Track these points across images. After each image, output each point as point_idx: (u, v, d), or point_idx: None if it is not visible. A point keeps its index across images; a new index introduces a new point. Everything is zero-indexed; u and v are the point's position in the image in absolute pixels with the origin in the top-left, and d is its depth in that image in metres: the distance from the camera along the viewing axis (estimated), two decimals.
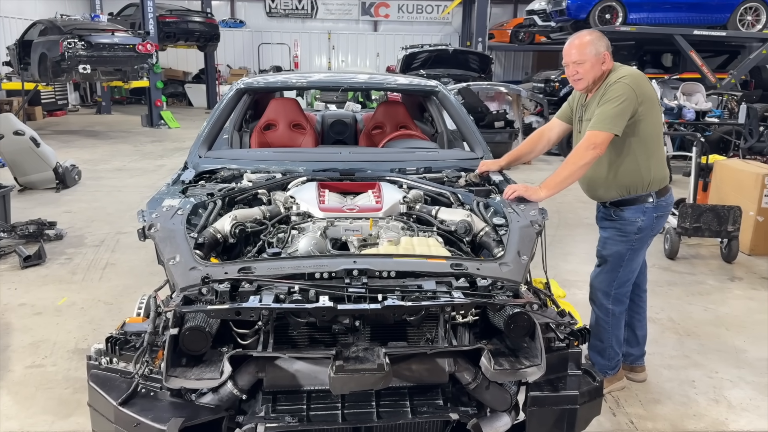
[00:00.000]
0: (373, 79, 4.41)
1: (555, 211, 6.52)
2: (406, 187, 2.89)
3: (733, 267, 4.98)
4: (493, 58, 15.15)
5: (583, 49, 2.67)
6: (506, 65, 22.06)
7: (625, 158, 2.73)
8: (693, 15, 12.03)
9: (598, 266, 2.91)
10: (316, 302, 1.80)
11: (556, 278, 4.63)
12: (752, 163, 5.86)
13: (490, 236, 2.40)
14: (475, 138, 3.49)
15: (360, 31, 21.99)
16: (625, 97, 2.60)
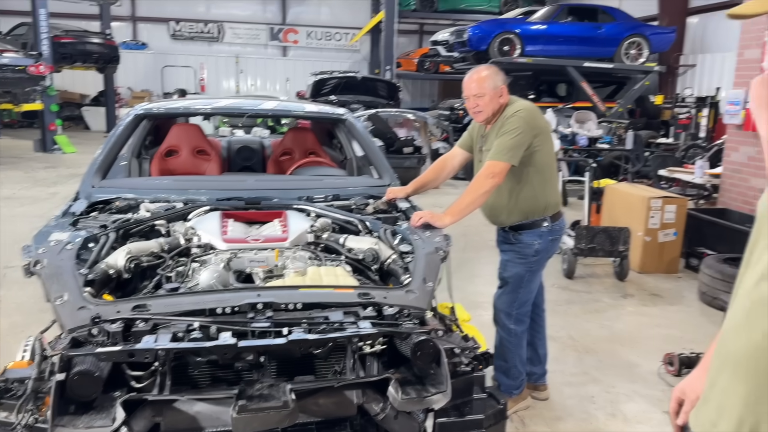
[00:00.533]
0: (281, 106, 4.37)
1: (461, 234, 6.69)
2: (314, 216, 2.87)
3: (626, 284, 5.31)
4: (400, 85, 15.52)
5: (482, 83, 2.82)
6: (414, 93, 22.66)
7: (524, 186, 2.89)
8: (584, 48, 12.92)
9: (499, 288, 3.03)
10: (217, 339, 1.74)
11: (463, 300, 4.72)
12: (639, 187, 6.32)
13: (397, 263, 2.42)
14: (382, 165, 3.54)
15: (269, 55, 21.90)
16: (521, 130, 2.77)
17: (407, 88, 22.07)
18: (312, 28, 21.90)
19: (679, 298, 4.99)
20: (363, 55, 22.10)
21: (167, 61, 20.44)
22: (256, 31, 21.60)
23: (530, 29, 12.92)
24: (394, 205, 3.10)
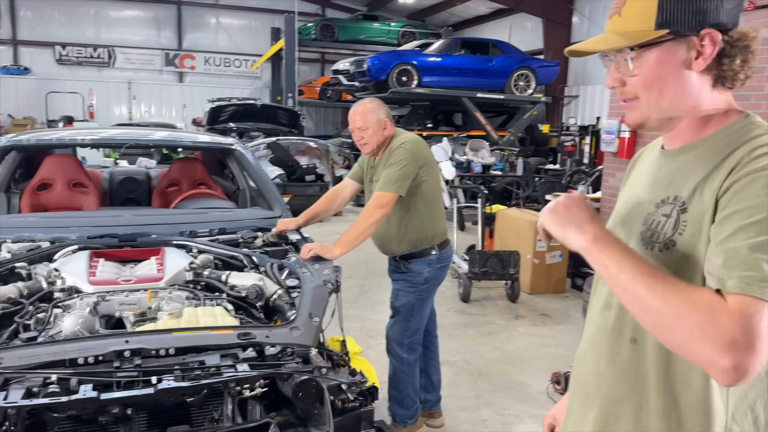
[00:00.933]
0: (166, 136, 4.20)
1: (363, 262, 6.71)
2: (196, 252, 2.75)
3: (517, 306, 5.52)
4: (302, 113, 15.50)
5: (365, 116, 2.88)
6: (317, 120, 22.73)
7: (412, 216, 2.95)
8: (477, 80, 13.53)
9: (391, 317, 3.05)
10: (77, 393, 1.59)
11: (363, 329, 4.72)
12: (527, 212, 6.63)
13: (283, 299, 2.35)
14: (272, 196, 3.47)
15: (164, 81, 21.18)
16: (407, 162, 2.84)
17: (310, 116, 22.11)
18: (210, 54, 21.47)
19: (566, 317, 5.24)
20: (264, 81, 21.91)
21: (53, 87, 19.23)
22: (150, 57, 20.86)
23: (426, 61, 13.36)
24: (284, 237, 3.04)
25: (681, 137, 1.10)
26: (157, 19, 20.90)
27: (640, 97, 1.08)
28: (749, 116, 1.07)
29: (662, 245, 1.04)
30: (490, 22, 19.00)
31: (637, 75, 1.06)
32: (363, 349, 4.22)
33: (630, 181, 1.27)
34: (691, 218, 1.01)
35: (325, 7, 22.18)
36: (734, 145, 1.01)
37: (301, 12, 19.47)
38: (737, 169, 0.96)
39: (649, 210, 1.10)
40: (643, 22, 1.03)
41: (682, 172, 1.07)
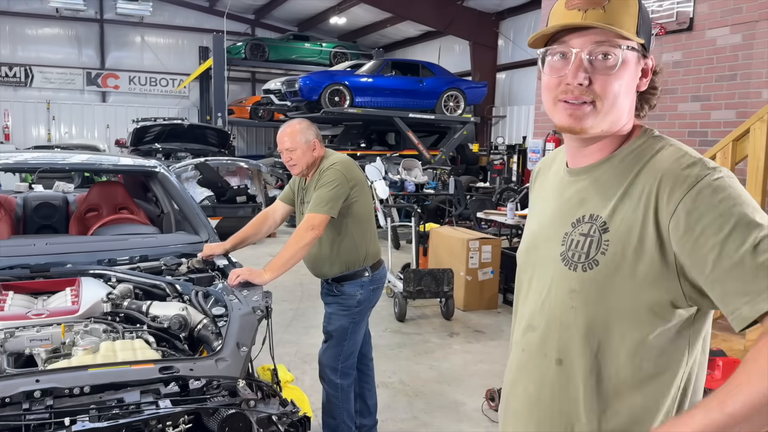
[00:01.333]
0: (85, 159, 4.00)
1: (298, 284, 6.61)
2: (115, 281, 2.61)
3: (452, 323, 5.56)
4: (233, 133, 15.23)
5: (293, 137, 2.84)
6: (249, 140, 22.37)
7: (344, 237, 2.92)
8: (408, 100, 13.73)
9: (324, 342, 2.99)
10: None
11: (298, 354, 4.62)
12: (459, 230, 6.73)
13: (208, 329, 2.26)
14: (198, 220, 3.35)
15: (86, 101, 20.31)
16: (338, 182, 2.81)
17: (242, 136, 21.76)
18: (135, 73, 20.79)
19: (499, 332, 5.32)
20: (192, 101, 21.41)
21: None
22: (70, 76, 19.98)
23: (358, 81, 13.45)
24: (211, 263, 2.94)
25: (592, 155, 1.11)
26: (78, 37, 20.10)
27: (598, 101, 1.03)
28: (648, 130, 1.10)
29: (585, 265, 1.05)
30: (420, 44, 19.39)
31: (610, 76, 1.02)
32: (297, 376, 4.14)
33: (538, 200, 1.27)
34: (614, 238, 1.02)
35: (255, 26, 22.00)
36: (642, 160, 1.04)
37: (230, 31, 19.25)
38: (670, 188, 0.97)
39: (566, 230, 1.10)
40: (629, 24, 1.01)
41: (594, 191, 1.08)
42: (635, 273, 1.00)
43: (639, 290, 1.01)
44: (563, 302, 1.09)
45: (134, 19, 19.97)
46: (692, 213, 0.94)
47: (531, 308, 1.16)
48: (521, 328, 1.19)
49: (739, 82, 4.74)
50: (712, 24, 4.94)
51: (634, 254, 1.00)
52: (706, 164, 0.98)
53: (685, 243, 0.95)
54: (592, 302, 1.04)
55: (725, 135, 4.03)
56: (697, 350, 1.06)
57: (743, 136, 3.25)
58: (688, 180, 0.96)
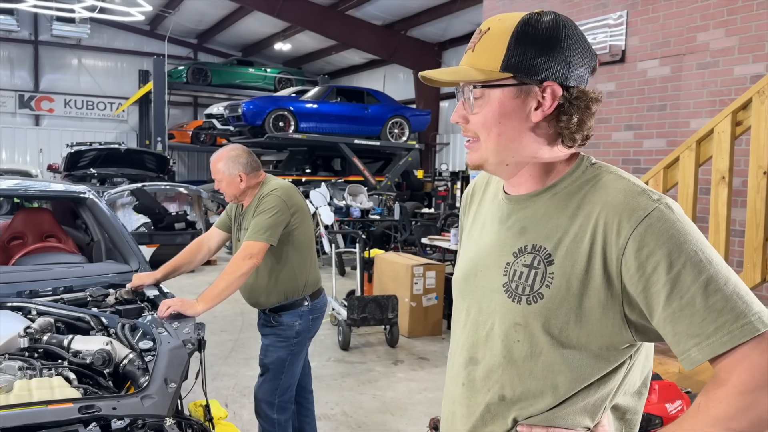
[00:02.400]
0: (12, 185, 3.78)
1: (239, 314, 6.41)
2: (35, 314, 2.43)
3: (397, 351, 5.49)
4: (172, 158, 14.87)
5: (217, 165, 2.85)
6: (190, 165, 21.90)
7: (284, 265, 2.83)
8: (353, 126, 13.80)
9: (261, 375, 2.87)
10: None
11: (236, 386, 4.45)
12: (404, 256, 6.72)
13: (134, 364, 2.12)
14: (128, 248, 3.19)
15: (18, 125, 19.48)
16: (278, 209, 2.74)
17: (183, 161, 21.29)
18: (71, 96, 20.11)
19: (443, 359, 5.29)
20: (131, 125, 20.86)
21: None
22: (1, 99, 19.14)
23: (303, 107, 13.43)
24: (141, 293, 2.79)
25: (525, 184, 1.10)
26: (11, 58, 19.33)
27: (480, 137, 1.07)
28: (585, 158, 1.09)
29: (529, 298, 1.02)
30: (365, 72, 19.62)
31: (478, 113, 1.05)
32: (235, 410, 3.98)
33: (475, 224, 1.23)
34: (559, 271, 1.00)
35: (198, 50, 21.76)
36: (582, 190, 1.03)
37: (172, 55, 18.97)
38: (618, 221, 0.95)
39: (507, 259, 1.07)
40: (491, 62, 1.02)
41: (536, 220, 1.06)
42: (581, 307, 0.98)
43: (586, 325, 0.99)
44: (507, 336, 1.05)
45: (71, 41, 19.42)
46: (642, 249, 0.93)
47: (472, 340, 1.12)
48: (462, 359, 1.14)
49: (668, 112, 4.96)
50: (643, 56, 5.17)
51: (580, 287, 0.98)
52: (650, 195, 0.97)
53: (638, 280, 0.94)
54: (536, 334, 1.02)
55: (657, 162, 4.18)
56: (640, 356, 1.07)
57: (673, 164, 3.38)
58: (636, 213, 0.95)
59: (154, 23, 19.91)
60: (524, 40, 1.00)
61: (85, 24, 17.69)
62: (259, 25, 17.67)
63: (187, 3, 16.90)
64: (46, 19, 18.35)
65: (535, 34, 1.00)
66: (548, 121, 1.03)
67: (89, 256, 3.70)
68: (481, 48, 1.04)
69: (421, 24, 15.16)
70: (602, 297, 0.97)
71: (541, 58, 1.00)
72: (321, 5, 15.19)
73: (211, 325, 5.85)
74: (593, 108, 1.04)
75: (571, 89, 1.02)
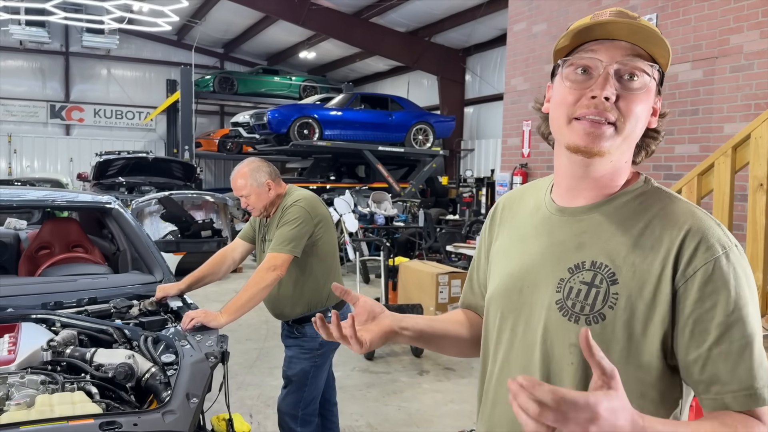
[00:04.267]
0: (40, 196, 3.82)
1: (264, 322, 6.40)
2: (59, 326, 2.43)
3: (422, 360, 5.42)
4: (199, 166, 15.03)
5: (245, 180, 2.80)
6: (217, 173, 22.13)
7: (308, 277, 2.81)
8: (378, 133, 13.79)
9: (284, 388, 2.84)
10: None
11: (261, 396, 4.42)
12: (429, 264, 6.65)
13: (156, 378, 2.10)
14: (153, 259, 3.19)
15: (49, 134, 19.93)
16: (302, 219, 2.71)
17: (209, 169, 21.53)
18: (100, 106, 20.51)
19: (469, 369, 5.20)
20: (159, 134, 21.18)
21: None
22: (33, 108, 19.60)
23: (328, 115, 13.47)
24: (165, 305, 2.78)
25: (585, 194, 1.03)
26: (42, 69, 19.80)
27: (620, 122, 0.95)
28: (648, 177, 1.05)
29: (590, 318, 0.95)
30: (389, 79, 19.61)
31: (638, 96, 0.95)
32: (260, 421, 3.95)
33: (514, 239, 1.15)
34: (624, 291, 0.94)
35: (224, 60, 22.01)
36: (652, 208, 0.98)
37: (199, 64, 19.23)
38: (694, 246, 0.92)
39: (561, 275, 1.00)
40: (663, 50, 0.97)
41: (596, 235, 1.00)
42: (646, 331, 0.93)
43: (646, 347, 0.94)
44: (561, 357, 0.99)
45: (100, 52, 19.81)
46: (708, 284, 0.90)
47: (521, 362, 1.05)
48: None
49: (701, 117, 4.83)
50: (674, 60, 5.02)
51: (646, 311, 0.93)
52: (726, 233, 0.95)
53: (691, 312, 0.91)
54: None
55: (689, 168, 4.06)
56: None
57: (708, 171, 3.26)
58: (715, 247, 0.92)
59: (182, 33, 20.22)
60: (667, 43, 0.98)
61: (114, 35, 18.03)
62: (284, 34, 17.81)
63: (214, 13, 17.11)
64: (77, 31, 18.75)
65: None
66: (647, 130, 1.01)
67: (115, 265, 3.72)
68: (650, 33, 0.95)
69: (445, 30, 15.10)
70: (666, 321, 0.93)
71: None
72: (345, 13, 15.25)
73: (236, 334, 5.86)
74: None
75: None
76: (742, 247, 0.96)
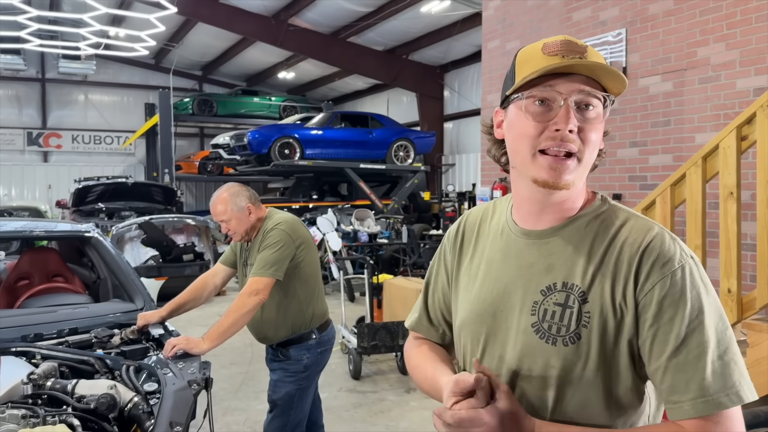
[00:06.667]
0: (18, 227, 3.78)
1: (248, 345, 6.35)
2: (40, 358, 2.41)
3: (409, 378, 5.40)
4: (180, 189, 14.95)
5: (225, 206, 2.79)
6: (198, 195, 22.00)
7: (291, 300, 2.81)
8: (359, 151, 13.84)
9: (270, 412, 2.82)
10: None
11: (247, 421, 4.38)
12: (413, 280, 6.66)
13: (139, 407, 2.08)
14: (133, 287, 3.18)
15: (26, 162, 19.73)
16: (283, 243, 2.72)
17: (190, 191, 21.41)
18: (78, 132, 20.36)
19: None
20: (139, 158, 21.05)
21: None
22: (10, 136, 19.40)
23: (308, 134, 13.51)
24: (146, 332, 2.76)
25: (549, 217, 1.06)
26: (19, 97, 19.65)
27: (580, 153, 0.98)
28: (604, 195, 1.09)
29: (566, 339, 0.99)
30: (369, 97, 19.75)
31: (594, 126, 0.99)
32: None
33: (471, 263, 1.16)
34: (595, 309, 0.98)
35: (203, 82, 22.02)
36: (611, 227, 1.02)
37: (177, 87, 19.19)
38: (651, 264, 0.96)
39: (534, 298, 1.03)
40: (620, 80, 1.00)
41: (563, 256, 1.03)
42: (616, 345, 0.98)
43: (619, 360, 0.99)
44: (540, 379, 1.02)
45: (77, 78, 19.72)
46: (666, 297, 0.95)
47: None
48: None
49: (673, 128, 4.93)
50: (644, 72, 5.16)
51: (615, 326, 0.98)
52: (682, 248, 0.99)
53: (650, 325, 0.96)
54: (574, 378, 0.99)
55: (663, 178, 4.14)
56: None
57: (680, 181, 3.34)
58: (671, 262, 0.96)
59: (159, 57, 20.21)
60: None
61: (91, 60, 17.99)
62: (263, 55, 17.88)
63: (191, 36, 17.14)
64: (53, 57, 18.67)
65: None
66: None
67: (96, 294, 3.69)
68: (602, 68, 0.97)
69: (422, 48, 15.28)
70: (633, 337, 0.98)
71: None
72: (322, 33, 15.37)
73: (221, 358, 5.81)
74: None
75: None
76: (697, 259, 0.99)
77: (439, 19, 13.46)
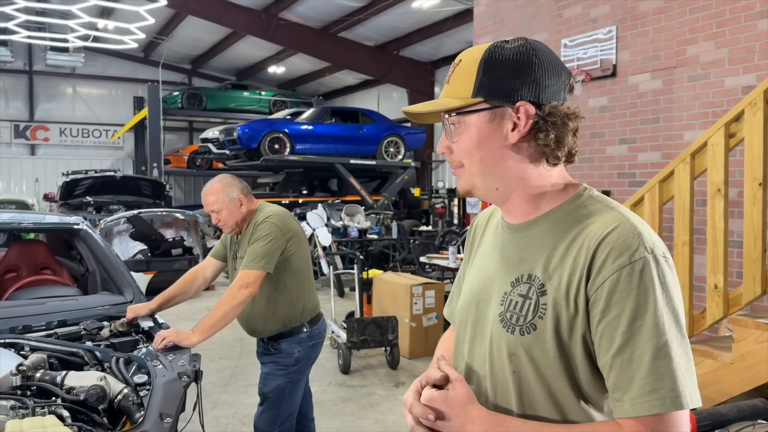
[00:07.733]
0: (4, 219, 3.76)
1: (238, 339, 6.35)
2: (28, 350, 2.39)
3: (398, 372, 5.43)
4: (169, 183, 14.87)
5: (216, 197, 2.78)
6: (187, 190, 21.90)
7: (281, 293, 2.80)
8: (349, 147, 13.83)
9: (260, 405, 2.82)
10: None
11: (236, 415, 4.38)
12: (403, 275, 6.68)
13: (129, 399, 2.08)
14: (123, 279, 3.16)
15: (13, 155, 19.51)
16: (274, 235, 2.71)
17: (179, 186, 21.30)
18: (66, 125, 20.17)
19: None
20: (127, 152, 20.90)
21: None
22: None
23: (299, 129, 13.47)
24: (136, 325, 2.75)
25: (519, 211, 1.10)
26: (5, 89, 19.43)
27: (464, 164, 1.08)
28: (586, 189, 1.08)
29: (522, 328, 1.01)
30: (359, 92, 19.72)
31: (459, 141, 1.07)
32: None
33: (477, 255, 1.23)
34: (551, 302, 1.00)
35: (192, 76, 21.87)
36: (580, 222, 1.02)
37: (166, 81, 19.07)
38: (605, 256, 0.95)
39: (505, 289, 1.07)
40: (464, 90, 1.05)
41: (532, 250, 1.06)
42: (572, 337, 0.98)
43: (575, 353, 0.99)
44: (504, 367, 1.05)
45: (65, 70, 19.52)
46: (615, 293, 0.94)
47: (479, 372, 1.11)
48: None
49: (662, 125, 4.97)
50: (634, 70, 5.20)
51: (569, 319, 0.98)
52: (645, 242, 0.96)
53: (599, 320, 0.96)
54: (532, 367, 1.02)
55: (652, 175, 4.17)
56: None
57: (668, 178, 3.36)
58: (624, 256, 0.94)
59: (148, 50, 20.05)
60: (492, 65, 1.04)
61: (79, 53, 17.81)
62: (253, 49, 17.79)
63: (181, 29, 17.02)
64: (40, 49, 18.47)
65: (503, 59, 1.04)
66: (527, 141, 1.04)
67: (84, 287, 3.67)
68: (454, 79, 1.08)
69: (413, 44, 15.27)
70: (586, 330, 0.98)
71: (511, 80, 1.03)
72: (313, 28, 15.31)
73: (210, 352, 5.79)
74: (571, 124, 1.04)
75: (543, 107, 1.03)
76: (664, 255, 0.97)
77: (430, 14, 13.46)
